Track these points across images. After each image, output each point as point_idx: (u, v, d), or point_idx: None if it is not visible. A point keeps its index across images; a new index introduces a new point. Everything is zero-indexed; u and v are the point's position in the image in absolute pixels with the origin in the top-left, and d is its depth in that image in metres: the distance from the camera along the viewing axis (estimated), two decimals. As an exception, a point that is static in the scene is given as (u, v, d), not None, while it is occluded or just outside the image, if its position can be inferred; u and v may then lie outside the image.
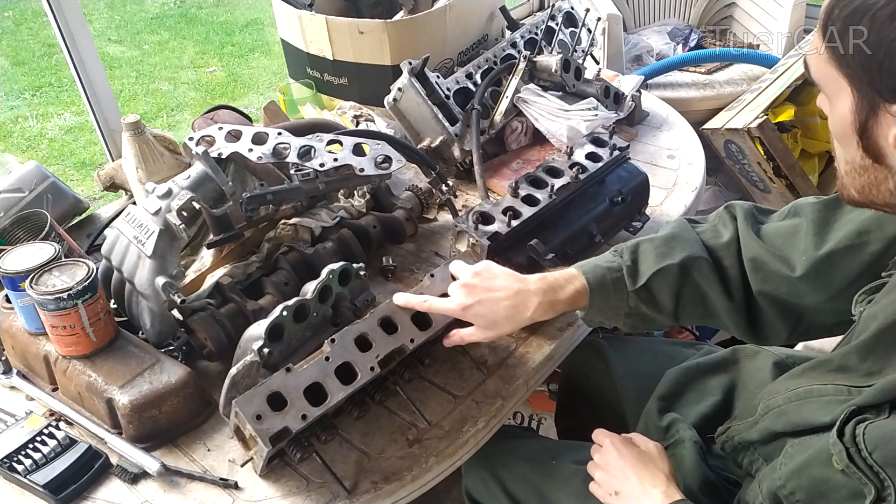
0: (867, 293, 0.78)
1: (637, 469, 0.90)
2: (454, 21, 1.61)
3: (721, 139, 2.01)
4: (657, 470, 0.90)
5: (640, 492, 0.88)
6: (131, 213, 1.04)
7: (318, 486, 0.89)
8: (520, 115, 1.46)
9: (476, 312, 0.91)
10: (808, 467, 0.72)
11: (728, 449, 0.92)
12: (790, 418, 0.80)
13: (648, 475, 0.89)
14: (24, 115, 3.63)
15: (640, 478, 0.89)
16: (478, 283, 0.93)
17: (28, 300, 0.95)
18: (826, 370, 0.79)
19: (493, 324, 0.92)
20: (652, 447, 0.94)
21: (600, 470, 0.93)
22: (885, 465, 0.61)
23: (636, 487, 0.88)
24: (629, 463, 0.90)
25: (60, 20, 1.50)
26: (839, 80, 0.66)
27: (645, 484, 0.88)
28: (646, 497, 0.87)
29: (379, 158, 1.18)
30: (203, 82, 3.99)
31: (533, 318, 0.92)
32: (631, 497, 0.89)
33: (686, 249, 0.94)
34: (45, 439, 0.92)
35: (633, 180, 1.23)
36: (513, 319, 0.92)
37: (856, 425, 0.65)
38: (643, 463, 0.90)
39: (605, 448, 0.94)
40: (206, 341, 1.01)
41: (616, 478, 0.91)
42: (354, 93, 1.64)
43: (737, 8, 2.41)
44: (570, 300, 0.94)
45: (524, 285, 0.93)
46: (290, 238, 1.17)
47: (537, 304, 0.92)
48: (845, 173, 0.71)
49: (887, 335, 0.71)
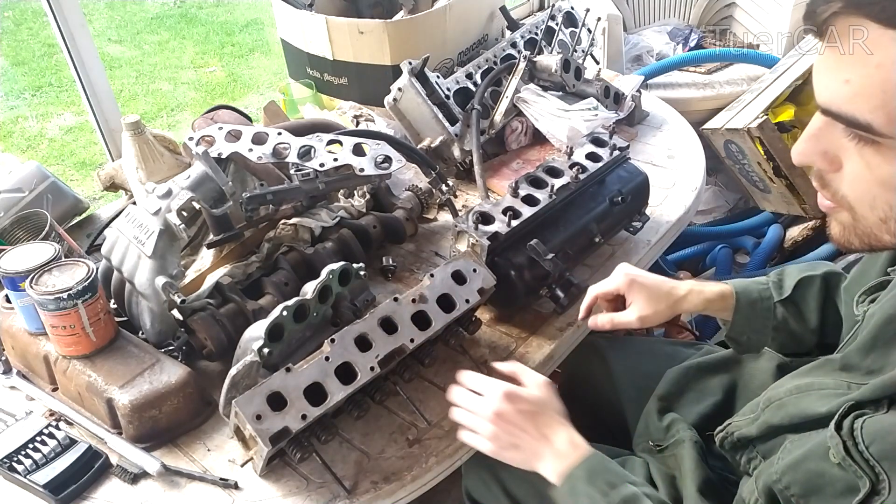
0: (869, 292, 0.78)
1: (533, 419, 0.85)
2: (454, 21, 1.62)
3: (721, 139, 2.01)
4: (554, 414, 0.86)
5: (538, 442, 0.84)
6: (131, 213, 1.04)
7: (318, 486, 0.89)
8: (520, 115, 1.46)
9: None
10: (804, 461, 0.72)
11: (727, 446, 0.92)
12: (789, 410, 0.80)
13: (546, 420, 0.85)
14: (24, 115, 3.63)
15: (536, 426, 0.84)
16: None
17: (28, 300, 0.95)
18: (831, 369, 0.79)
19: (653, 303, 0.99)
20: (542, 393, 0.88)
21: (490, 423, 0.85)
22: (881, 458, 0.61)
23: (536, 438, 0.84)
24: (525, 411, 0.85)
25: (60, 20, 1.51)
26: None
27: (545, 431, 0.84)
28: (548, 447, 0.84)
29: (379, 158, 1.18)
30: (203, 82, 3.99)
31: (684, 302, 1.00)
32: (531, 450, 0.84)
33: (828, 267, 0.97)
34: (45, 439, 0.92)
35: (633, 180, 1.23)
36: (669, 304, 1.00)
37: (854, 420, 0.65)
38: (540, 411, 0.86)
39: (489, 398, 0.86)
40: (206, 341, 1.01)
41: (511, 431, 0.85)
42: (354, 93, 1.64)
43: (737, 8, 2.41)
44: (717, 295, 0.99)
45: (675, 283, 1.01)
46: (290, 238, 1.17)
47: (689, 289, 1.00)
48: (885, 220, 0.64)
49: (884, 332, 0.71)
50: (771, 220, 2.16)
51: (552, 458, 0.84)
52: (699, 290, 1.00)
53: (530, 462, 0.85)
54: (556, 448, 0.84)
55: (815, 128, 0.64)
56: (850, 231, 0.67)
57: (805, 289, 0.95)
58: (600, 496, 0.79)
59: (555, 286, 1.11)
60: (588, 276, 1.21)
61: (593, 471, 0.82)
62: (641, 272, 1.02)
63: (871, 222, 0.64)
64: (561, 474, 0.83)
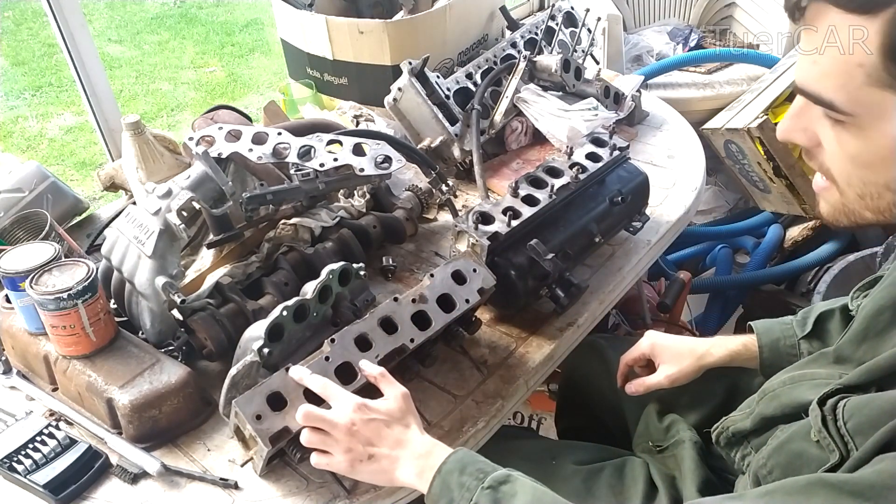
0: (863, 288, 0.79)
1: (386, 429, 0.81)
2: (454, 21, 1.61)
3: (721, 139, 2.01)
4: (411, 424, 0.83)
5: (394, 451, 0.81)
6: (131, 213, 1.04)
7: (318, 486, 0.89)
8: (520, 115, 1.46)
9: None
10: (788, 442, 0.73)
11: (722, 442, 0.92)
12: (782, 400, 0.81)
13: (401, 429, 0.82)
14: (24, 115, 3.63)
15: (390, 437, 0.81)
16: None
17: (28, 300, 0.95)
18: (825, 362, 0.80)
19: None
20: (397, 405, 0.84)
21: (342, 435, 0.81)
22: (855, 433, 0.61)
23: (391, 446, 0.81)
24: (379, 420, 0.82)
25: (60, 20, 1.50)
26: (888, 100, 0.60)
27: (401, 438, 0.81)
28: (405, 451, 0.81)
29: (379, 158, 1.18)
30: (203, 82, 4.00)
31: (709, 356, 1.04)
32: (388, 458, 0.81)
33: (847, 300, 0.96)
34: (45, 439, 0.92)
35: (633, 180, 1.23)
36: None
37: (838, 400, 0.65)
38: (395, 422, 0.83)
39: (341, 410, 0.82)
40: (206, 341, 1.01)
41: (363, 443, 0.81)
42: (354, 93, 1.64)
43: (737, 8, 2.41)
44: (741, 345, 1.03)
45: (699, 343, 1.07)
46: (290, 238, 1.17)
47: (710, 344, 1.05)
48: (861, 196, 0.67)
49: (875, 323, 0.72)
50: (771, 220, 2.16)
51: (411, 461, 0.80)
52: (721, 343, 1.04)
53: (388, 472, 0.81)
54: (415, 450, 0.81)
55: (797, 107, 0.69)
56: (838, 209, 0.70)
57: (826, 322, 0.95)
58: (475, 482, 0.76)
59: (555, 286, 1.11)
60: (588, 276, 1.21)
61: (463, 462, 0.79)
62: (664, 336, 1.08)
63: (850, 199, 0.68)
64: (425, 475, 0.79)
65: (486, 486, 0.75)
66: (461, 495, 0.76)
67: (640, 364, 1.11)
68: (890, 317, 0.70)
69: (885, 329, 0.70)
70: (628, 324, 1.76)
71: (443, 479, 0.78)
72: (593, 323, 1.18)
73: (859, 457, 0.59)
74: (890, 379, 0.63)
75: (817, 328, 0.96)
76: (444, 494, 0.77)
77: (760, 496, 0.63)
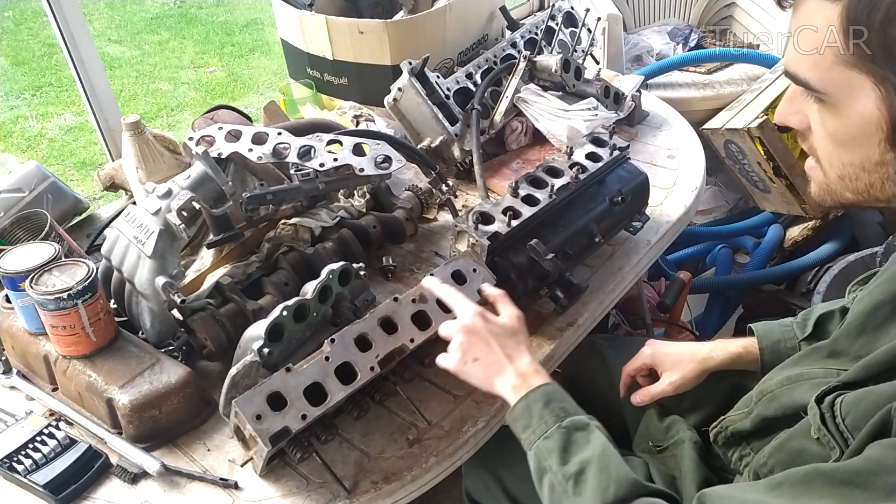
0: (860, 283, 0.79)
1: (500, 339, 0.89)
2: (454, 21, 1.62)
3: (721, 139, 2.01)
4: (522, 342, 0.91)
5: (502, 359, 0.88)
6: (131, 213, 1.04)
7: (318, 486, 0.89)
8: (520, 115, 1.46)
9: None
10: (788, 441, 0.74)
11: (720, 441, 0.92)
12: (782, 402, 0.81)
13: (513, 345, 0.89)
14: (24, 115, 3.63)
15: (502, 346, 0.88)
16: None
17: (28, 300, 0.95)
18: (819, 356, 0.80)
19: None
20: (513, 323, 0.92)
21: (459, 335, 0.90)
22: (853, 429, 0.63)
23: (498, 355, 0.88)
24: (494, 332, 0.89)
25: (60, 20, 1.50)
26: (855, 80, 0.64)
27: (510, 353, 0.88)
28: (510, 365, 0.87)
29: (379, 158, 1.18)
30: (203, 82, 3.99)
31: (710, 360, 1.04)
32: (493, 365, 0.88)
33: (846, 301, 0.97)
34: (45, 439, 0.92)
35: (633, 180, 1.23)
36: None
37: (836, 397, 0.66)
38: (508, 334, 0.90)
39: (462, 315, 0.91)
40: (206, 341, 1.01)
41: (477, 345, 0.89)
42: (354, 93, 1.64)
43: (737, 8, 2.41)
44: (742, 347, 1.03)
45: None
46: (290, 238, 1.17)
47: (710, 347, 1.05)
48: (841, 177, 0.70)
49: (873, 317, 0.72)
50: (771, 220, 2.16)
51: (512, 376, 0.87)
52: (722, 346, 1.04)
53: (490, 379, 0.88)
54: (518, 368, 0.87)
55: (790, 92, 0.72)
56: (823, 188, 0.73)
57: (826, 323, 0.96)
58: (553, 419, 0.82)
59: (555, 286, 1.11)
60: (588, 276, 1.21)
61: (551, 397, 0.84)
62: (664, 344, 1.09)
63: (832, 179, 0.71)
64: (518, 391, 0.85)
65: (563, 426, 0.81)
66: (538, 424, 0.82)
67: (642, 374, 1.11)
68: (888, 312, 0.70)
69: (883, 324, 0.71)
70: (628, 324, 1.76)
71: (527, 403, 0.84)
72: (593, 323, 1.18)
73: (854, 448, 0.61)
74: (887, 374, 0.64)
75: (818, 329, 0.96)
76: (523, 417, 0.84)
77: (770, 488, 0.65)
